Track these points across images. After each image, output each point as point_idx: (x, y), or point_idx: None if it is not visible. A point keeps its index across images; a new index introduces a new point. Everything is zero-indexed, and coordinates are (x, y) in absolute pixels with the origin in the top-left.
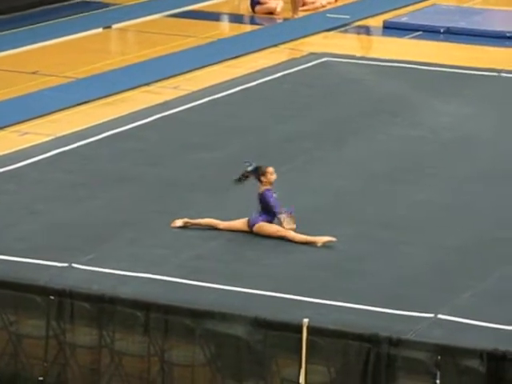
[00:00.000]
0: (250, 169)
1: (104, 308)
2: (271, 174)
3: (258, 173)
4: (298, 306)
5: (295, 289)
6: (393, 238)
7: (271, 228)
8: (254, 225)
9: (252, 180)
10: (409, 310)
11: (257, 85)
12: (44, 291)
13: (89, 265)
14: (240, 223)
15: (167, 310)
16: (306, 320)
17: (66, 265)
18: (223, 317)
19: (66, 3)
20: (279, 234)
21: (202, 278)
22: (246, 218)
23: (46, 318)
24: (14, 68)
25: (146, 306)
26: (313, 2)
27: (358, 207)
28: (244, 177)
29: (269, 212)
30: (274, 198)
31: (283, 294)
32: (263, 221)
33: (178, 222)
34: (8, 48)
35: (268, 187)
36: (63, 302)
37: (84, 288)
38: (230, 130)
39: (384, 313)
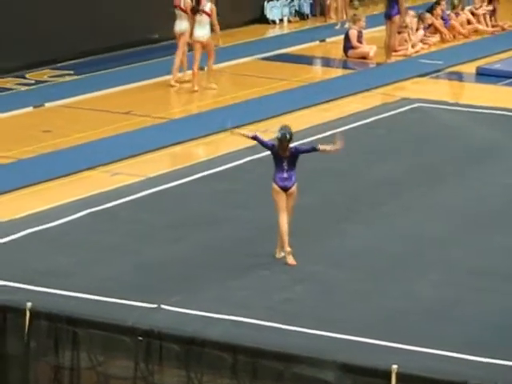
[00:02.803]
0: (288, 136)
1: (192, 350)
2: None
3: (291, 137)
4: (386, 351)
5: (384, 334)
6: (482, 284)
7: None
8: (291, 187)
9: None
10: (498, 358)
11: (349, 129)
12: (132, 332)
13: (177, 306)
14: (280, 198)
15: (255, 353)
16: (394, 366)
17: (154, 306)
18: (312, 361)
19: (159, 44)
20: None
21: (290, 322)
22: (276, 190)
23: (134, 359)
24: (108, 108)
25: (233, 349)
26: (406, 48)
27: (447, 253)
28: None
29: (295, 166)
30: None
31: (372, 340)
32: (296, 179)
33: None
34: (102, 88)
35: None
36: (151, 343)
37: (172, 329)
38: (320, 173)
39: (473, 360)
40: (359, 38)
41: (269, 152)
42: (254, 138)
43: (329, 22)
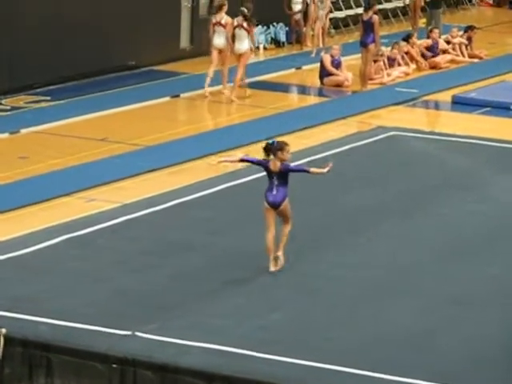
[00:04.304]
0: (271, 142)
1: (166, 377)
2: (288, 152)
3: (278, 147)
4: (361, 380)
5: (359, 362)
6: (459, 313)
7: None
8: (280, 204)
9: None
10: None
11: (324, 157)
12: (106, 359)
13: (152, 333)
14: (268, 215)
15: (230, 381)
16: None
17: (129, 333)
18: None
19: (135, 71)
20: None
21: (265, 350)
22: (265, 207)
23: None
24: (83, 134)
25: (208, 377)
26: (382, 76)
27: (424, 281)
28: (267, 150)
29: (287, 183)
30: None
31: (347, 368)
32: (285, 196)
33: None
34: (77, 114)
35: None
36: (125, 371)
37: (147, 356)
38: (295, 200)
39: None
40: (337, 67)
41: (245, 179)
42: (242, 160)
43: (305, 49)
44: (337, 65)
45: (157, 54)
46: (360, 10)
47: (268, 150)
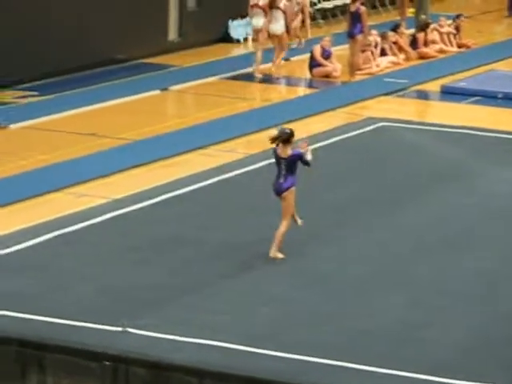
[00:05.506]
0: (286, 131)
1: (159, 374)
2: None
3: (290, 134)
4: (351, 373)
5: (348, 356)
6: (446, 305)
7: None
8: (282, 191)
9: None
10: (463, 380)
11: (313, 149)
12: (98, 356)
13: (144, 329)
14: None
15: (222, 377)
16: None
17: (120, 329)
18: None
19: (124, 65)
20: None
21: (256, 345)
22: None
23: None
24: (72, 129)
25: (201, 373)
26: (370, 67)
27: (410, 274)
28: (278, 138)
29: (294, 172)
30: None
31: (338, 362)
32: (291, 185)
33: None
34: (67, 109)
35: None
36: (118, 368)
37: (139, 353)
38: None
39: (438, 382)
40: (328, 57)
41: (233, 172)
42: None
43: (293, 40)
44: (327, 56)
45: (145, 47)
46: (348, 0)
47: (280, 138)
